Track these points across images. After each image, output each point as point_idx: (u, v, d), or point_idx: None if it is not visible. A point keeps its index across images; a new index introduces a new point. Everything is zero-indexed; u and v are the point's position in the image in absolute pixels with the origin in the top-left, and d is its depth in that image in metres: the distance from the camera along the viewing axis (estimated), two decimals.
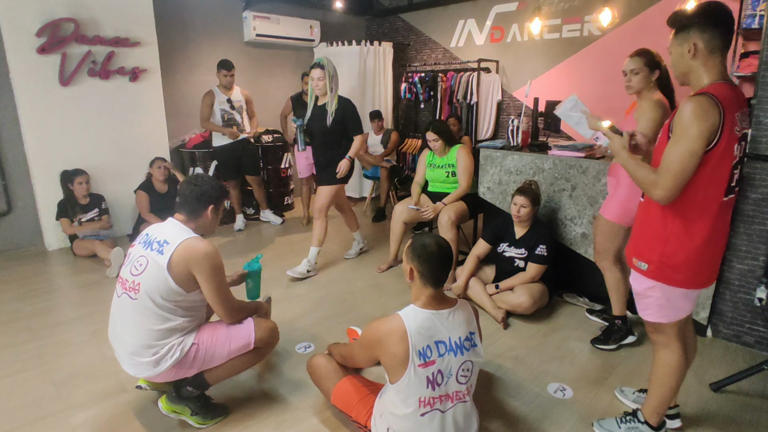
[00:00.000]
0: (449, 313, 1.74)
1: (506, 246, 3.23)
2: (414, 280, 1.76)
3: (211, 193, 2.05)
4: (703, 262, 1.71)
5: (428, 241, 1.73)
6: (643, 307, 1.85)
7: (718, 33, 1.59)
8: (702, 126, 1.53)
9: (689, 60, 1.64)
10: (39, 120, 4.19)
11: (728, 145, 1.58)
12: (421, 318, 1.69)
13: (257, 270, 2.50)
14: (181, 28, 5.31)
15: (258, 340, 2.08)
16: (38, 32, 4.03)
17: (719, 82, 1.61)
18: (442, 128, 3.76)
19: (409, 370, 1.64)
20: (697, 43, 1.61)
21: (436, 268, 1.70)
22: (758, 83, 2.59)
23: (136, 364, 1.94)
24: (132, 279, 1.92)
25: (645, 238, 1.78)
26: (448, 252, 1.75)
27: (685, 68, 1.67)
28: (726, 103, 1.55)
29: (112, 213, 4.55)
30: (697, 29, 1.60)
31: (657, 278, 1.74)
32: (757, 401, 2.32)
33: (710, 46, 1.60)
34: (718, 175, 1.62)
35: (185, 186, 2.05)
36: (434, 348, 1.67)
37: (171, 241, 1.90)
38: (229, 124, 4.81)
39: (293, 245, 4.63)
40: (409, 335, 1.64)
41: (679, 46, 1.66)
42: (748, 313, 2.74)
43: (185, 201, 2.02)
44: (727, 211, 1.73)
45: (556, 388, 2.41)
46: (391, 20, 6.94)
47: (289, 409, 2.23)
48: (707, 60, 1.62)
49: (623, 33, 4.75)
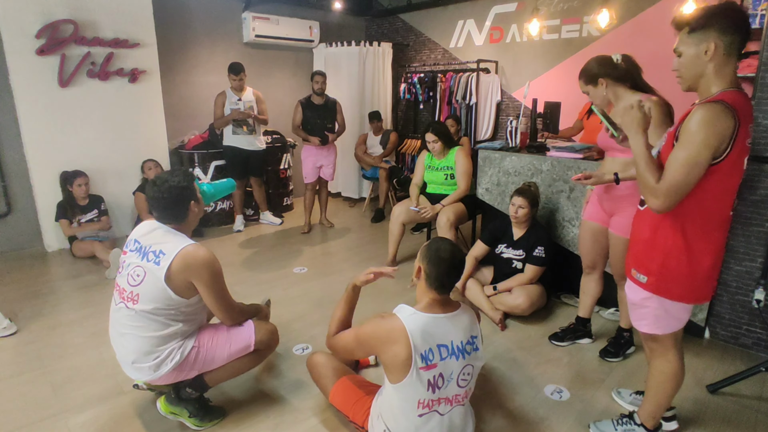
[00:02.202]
0: (452, 316, 1.73)
1: (504, 247, 3.23)
2: (420, 280, 1.75)
3: (183, 186, 1.92)
4: (706, 279, 1.66)
5: (443, 246, 1.72)
6: (638, 318, 1.81)
7: (739, 38, 1.50)
8: (708, 134, 1.45)
9: (705, 62, 1.53)
10: (38, 121, 4.20)
11: (739, 158, 1.51)
12: (423, 321, 1.68)
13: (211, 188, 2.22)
14: (181, 30, 5.32)
15: (258, 342, 2.08)
16: (37, 34, 4.04)
17: (733, 90, 1.52)
18: (441, 130, 3.76)
19: (411, 373, 1.63)
20: (717, 45, 1.50)
21: (443, 273, 1.69)
22: (757, 84, 2.60)
23: (137, 369, 1.95)
24: (130, 289, 1.91)
25: (645, 249, 1.72)
26: (460, 261, 1.73)
27: (699, 71, 1.56)
28: (741, 114, 1.47)
29: (112, 214, 4.56)
30: (718, 30, 1.49)
31: (656, 291, 1.69)
32: (755, 403, 2.32)
33: (729, 49, 1.51)
34: (727, 188, 1.55)
35: (154, 193, 1.89)
36: (437, 351, 1.67)
37: (167, 252, 1.87)
38: (240, 124, 4.82)
39: (292, 246, 4.63)
40: (410, 337, 1.63)
41: (695, 46, 1.54)
42: (746, 315, 2.74)
43: (164, 208, 1.92)
44: (729, 223, 1.68)
45: (553, 390, 2.41)
46: (391, 21, 6.95)
47: (287, 410, 2.24)
48: (723, 64, 1.52)
49: (622, 34, 4.75)
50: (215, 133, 5.08)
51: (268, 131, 5.69)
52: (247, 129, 4.85)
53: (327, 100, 4.85)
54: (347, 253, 4.48)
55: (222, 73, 4.94)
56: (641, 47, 4.61)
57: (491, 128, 5.88)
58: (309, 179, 5.00)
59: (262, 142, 5.04)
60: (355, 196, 6.54)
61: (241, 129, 4.82)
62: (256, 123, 4.92)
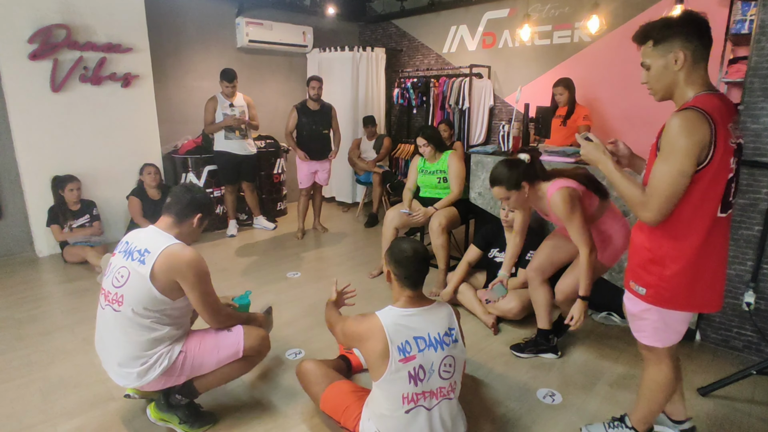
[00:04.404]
0: (427, 309, 1.81)
1: (497, 252, 3.24)
2: (393, 282, 1.85)
3: (202, 202, 2.06)
4: (697, 281, 1.61)
5: (405, 246, 1.82)
6: (637, 329, 1.79)
7: (703, 43, 1.52)
8: (689, 142, 1.45)
9: (675, 71, 1.55)
10: (30, 126, 4.18)
11: (723, 160, 1.49)
12: (398, 315, 1.76)
13: (246, 305, 2.50)
14: (174, 34, 5.32)
15: (247, 349, 2.06)
16: (30, 38, 4.03)
17: (705, 93, 1.53)
18: (432, 134, 3.77)
19: (390, 366, 1.68)
20: (685, 53, 1.52)
21: (412, 271, 1.79)
22: (746, 89, 2.62)
23: (124, 375, 1.93)
24: (114, 291, 1.90)
25: (641, 260, 1.70)
26: (423, 256, 1.83)
27: (670, 81, 1.58)
28: (716, 116, 1.46)
29: (104, 219, 4.54)
30: (681, 39, 1.52)
31: (656, 303, 1.66)
32: (746, 406, 2.33)
33: (695, 56, 1.52)
34: (712, 192, 1.53)
35: (179, 189, 2.05)
36: (413, 343, 1.72)
37: (152, 250, 1.87)
38: (233, 129, 4.81)
39: (286, 251, 4.62)
40: (386, 331, 1.70)
41: (662, 58, 1.56)
42: (737, 318, 2.75)
43: (176, 203, 2.00)
44: (725, 227, 1.63)
45: (546, 394, 2.41)
46: (384, 26, 6.98)
47: (278, 416, 2.23)
48: (691, 71, 1.54)
49: (612, 40, 4.80)
50: (208, 138, 5.07)
51: (262, 136, 5.69)
52: (240, 134, 4.85)
53: (323, 106, 4.86)
54: (341, 258, 4.48)
55: (215, 78, 4.94)
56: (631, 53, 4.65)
57: (484, 133, 5.91)
58: (303, 185, 4.99)
59: (253, 146, 5.03)
60: (349, 200, 6.54)
61: (234, 134, 4.82)
62: (248, 128, 4.92)
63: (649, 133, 4.68)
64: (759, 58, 2.55)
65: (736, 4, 3.57)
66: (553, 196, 2.25)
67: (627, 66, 4.63)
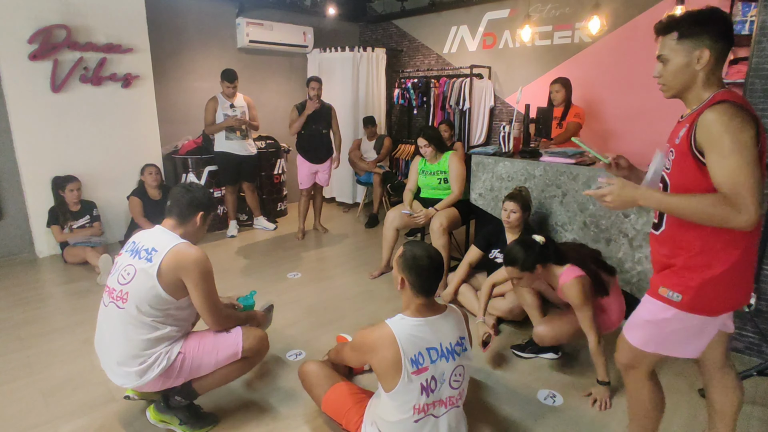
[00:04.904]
0: (439, 319, 1.74)
1: (498, 252, 3.23)
2: (404, 290, 1.76)
3: (202, 200, 2.06)
4: (746, 273, 1.49)
5: (419, 253, 1.72)
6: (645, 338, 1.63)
7: (728, 44, 1.44)
8: (747, 128, 1.33)
9: (696, 70, 1.45)
10: (30, 127, 4.18)
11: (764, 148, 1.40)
12: (410, 326, 1.69)
13: (250, 306, 2.50)
14: (174, 35, 5.32)
15: (246, 350, 2.06)
16: (30, 39, 4.02)
17: (725, 90, 1.45)
18: (433, 134, 3.77)
19: (402, 378, 1.64)
20: (710, 52, 1.42)
21: (426, 278, 1.70)
22: (746, 90, 2.62)
23: (122, 374, 1.93)
24: (120, 288, 1.91)
25: (679, 266, 1.52)
26: (439, 262, 1.74)
27: (688, 79, 1.47)
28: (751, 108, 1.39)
29: (104, 219, 4.53)
30: (711, 36, 1.41)
31: (693, 310, 1.49)
32: (747, 407, 2.32)
33: (719, 56, 1.43)
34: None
35: (178, 189, 2.05)
36: (426, 355, 1.68)
37: (159, 249, 1.89)
38: (233, 129, 4.81)
39: (286, 251, 4.62)
40: (399, 343, 1.64)
41: (686, 54, 1.45)
42: (737, 319, 2.75)
43: (176, 204, 2.02)
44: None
45: (547, 395, 2.41)
46: (385, 26, 6.97)
47: (279, 417, 2.22)
48: (712, 72, 1.45)
49: (613, 40, 4.79)
50: (209, 139, 5.07)
51: (262, 136, 5.68)
52: (241, 134, 4.85)
53: (322, 106, 4.85)
54: (341, 259, 4.48)
55: (216, 78, 4.94)
56: (632, 54, 4.65)
57: (484, 133, 5.90)
58: (304, 185, 4.98)
59: (253, 146, 5.03)
60: (349, 201, 6.54)
61: (235, 134, 4.82)
62: (248, 128, 4.92)
63: (649, 133, 4.69)
64: (760, 59, 2.55)
65: (737, 5, 3.57)
66: (568, 285, 2.34)
67: (627, 66, 4.63)
